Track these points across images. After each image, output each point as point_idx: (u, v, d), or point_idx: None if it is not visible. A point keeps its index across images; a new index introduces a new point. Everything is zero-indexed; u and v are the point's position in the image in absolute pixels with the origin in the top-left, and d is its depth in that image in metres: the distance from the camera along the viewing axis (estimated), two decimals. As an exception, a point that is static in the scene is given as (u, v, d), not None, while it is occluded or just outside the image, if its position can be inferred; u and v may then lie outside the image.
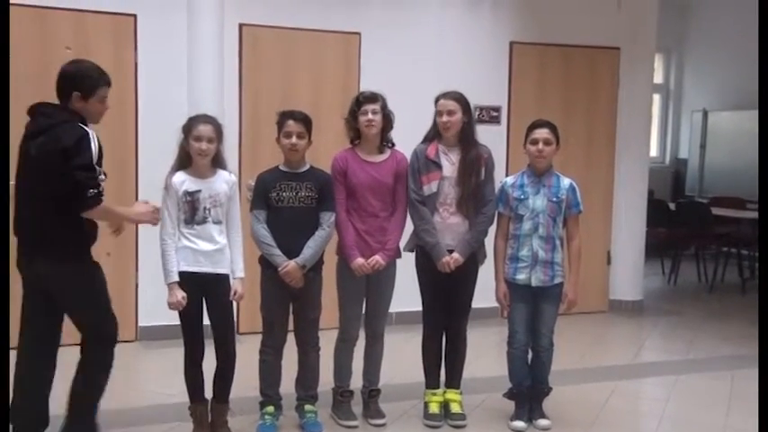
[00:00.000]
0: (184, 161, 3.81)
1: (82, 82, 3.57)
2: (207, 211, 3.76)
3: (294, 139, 4.00)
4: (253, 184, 4.16)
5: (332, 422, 4.25)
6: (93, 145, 3.40)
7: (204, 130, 3.75)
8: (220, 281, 3.83)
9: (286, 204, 4.01)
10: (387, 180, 4.18)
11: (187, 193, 3.74)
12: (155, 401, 4.27)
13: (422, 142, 4.28)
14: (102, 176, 3.44)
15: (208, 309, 3.87)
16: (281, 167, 4.09)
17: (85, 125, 3.50)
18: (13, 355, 3.50)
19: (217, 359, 3.91)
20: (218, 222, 3.79)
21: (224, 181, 3.84)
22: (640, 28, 7.08)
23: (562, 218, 4.20)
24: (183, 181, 3.76)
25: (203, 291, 3.81)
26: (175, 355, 3.95)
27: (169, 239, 3.73)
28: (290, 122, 4.02)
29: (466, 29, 6.53)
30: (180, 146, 3.83)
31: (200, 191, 3.75)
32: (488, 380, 4.79)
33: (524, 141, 4.26)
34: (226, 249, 3.82)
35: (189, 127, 3.78)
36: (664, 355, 6.04)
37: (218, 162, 3.85)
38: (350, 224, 4.15)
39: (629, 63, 7.03)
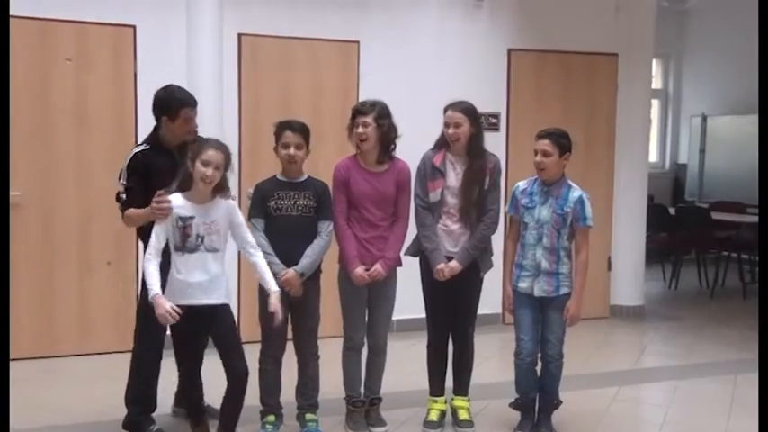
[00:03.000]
0: (186, 183, 3.61)
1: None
2: (200, 239, 3.56)
3: (292, 150, 4.00)
4: (252, 192, 4.17)
5: (335, 431, 4.25)
6: (124, 164, 3.94)
7: (214, 156, 3.55)
8: (217, 311, 3.64)
9: (284, 213, 4.02)
10: (388, 190, 4.17)
11: (180, 219, 3.56)
12: (156, 412, 4.27)
13: (431, 149, 4.27)
14: (122, 188, 3.90)
15: (213, 341, 3.71)
16: (279, 177, 4.10)
17: (154, 145, 4.00)
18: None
19: (227, 380, 3.70)
20: (212, 250, 3.60)
21: (222, 207, 3.65)
22: (638, 34, 7.10)
23: (567, 230, 4.10)
24: (178, 205, 3.57)
25: (202, 324, 3.63)
26: (173, 364, 3.94)
27: (153, 258, 3.54)
28: (288, 133, 4.02)
29: (464, 36, 6.55)
30: (183, 167, 3.65)
31: (193, 217, 3.56)
32: (490, 386, 4.79)
33: None
34: (220, 278, 3.63)
35: (198, 150, 3.58)
36: (665, 360, 6.04)
37: (220, 189, 3.65)
38: (350, 233, 4.14)
39: (627, 69, 7.05)
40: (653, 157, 10.49)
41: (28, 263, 5.37)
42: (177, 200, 3.59)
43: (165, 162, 3.90)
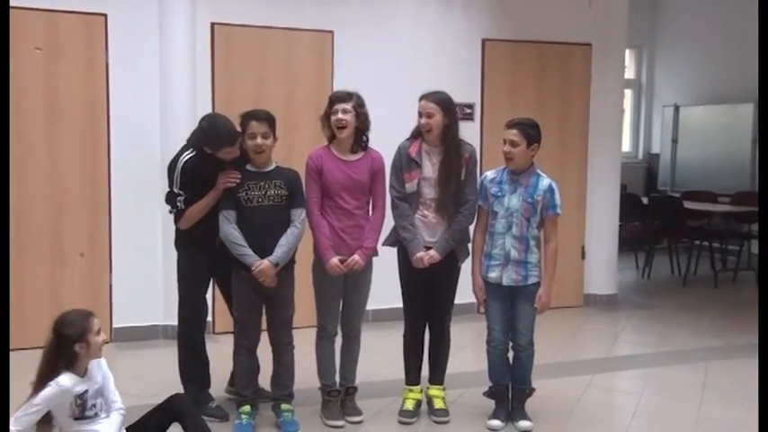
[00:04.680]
0: (71, 362, 3.35)
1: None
2: (93, 407, 3.42)
3: (259, 140, 3.98)
4: None
5: (310, 421, 4.25)
6: (176, 172, 4.04)
7: (100, 327, 3.39)
8: None
9: (255, 204, 4.00)
10: (362, 178, 4.16)
11: (78, 397, 3.36)
12: (129, 403, 4.23)
13: (407, 138, 4.27)
14: (178, 197, 4.04)
15: None
16: (248, 167, 4.07)
17: (199, 150, 4.05)
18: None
19: None
20: (104, 410, 3.45)
21: (99, 371, 3.46)
22: (611, 24, 7.13)
23: (537, 219, 4.13)
24: (68, 387, 3.33)
25: None
26: (150, 356, 3.92)
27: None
28: (254, 123, 3.99)
29: (439, 26, 6.54)
30: (64, 343, 3.34)
31: (87, 390, 3.38)
32: (465, 375, 4.81)
33: None
34: None
35: (85, 327, 3.34)
36: (638, 348, 6.10)
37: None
38: (324, 223, 4.14)
39: (600, 59, 7.08)
40: (626, 146, 10.58)
41: (-2, 255, 5.31)
42: (66, 381, 3.33)
43: (211, 167, 4.05)
